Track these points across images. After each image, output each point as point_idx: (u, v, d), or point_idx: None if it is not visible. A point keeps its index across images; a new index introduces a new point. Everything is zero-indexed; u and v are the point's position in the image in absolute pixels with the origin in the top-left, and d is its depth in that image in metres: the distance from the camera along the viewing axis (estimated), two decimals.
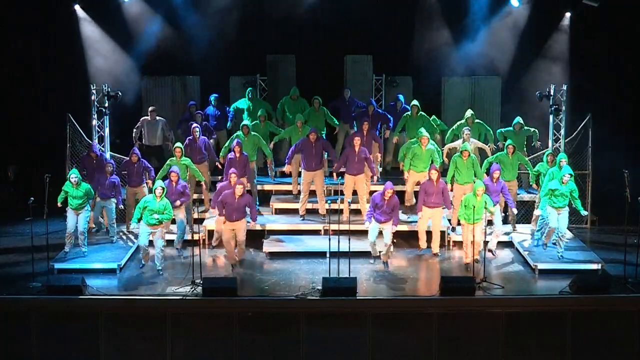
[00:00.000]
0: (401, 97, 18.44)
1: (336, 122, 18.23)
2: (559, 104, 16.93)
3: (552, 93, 16.75)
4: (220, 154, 16.69)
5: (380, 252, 15.00)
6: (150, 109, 17.89)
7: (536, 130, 17.46)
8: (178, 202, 15.25)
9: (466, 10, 19.57)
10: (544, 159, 16.00)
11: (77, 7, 18.94)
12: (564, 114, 17.04)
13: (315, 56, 19.81)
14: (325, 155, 16.89)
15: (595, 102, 18.45)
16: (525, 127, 17.41)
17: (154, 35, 19.22)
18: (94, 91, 16.73)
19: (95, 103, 16.75)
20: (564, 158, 15.66)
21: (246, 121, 17.33)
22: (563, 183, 14.69)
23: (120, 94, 16.97)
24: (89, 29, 19.14)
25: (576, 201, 14.89)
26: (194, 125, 16.76)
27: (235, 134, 16.73)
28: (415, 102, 17.72)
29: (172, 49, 19.49)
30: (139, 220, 14.63)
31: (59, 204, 14.99)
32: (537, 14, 19.48)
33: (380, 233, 14.81)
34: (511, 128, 17.43)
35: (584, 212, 15.08)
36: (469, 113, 17.47)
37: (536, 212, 15.82)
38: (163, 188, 14.53)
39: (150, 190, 15.19)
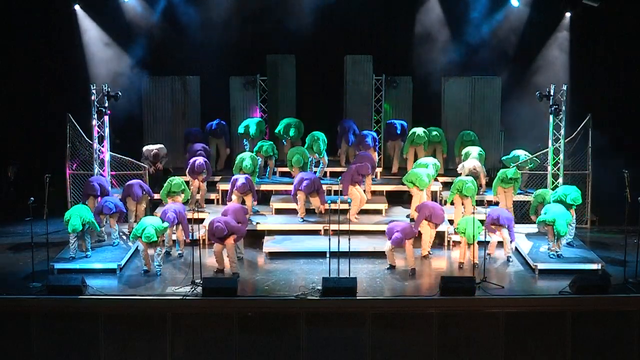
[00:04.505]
0: (397, 122, 18.63)
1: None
2: (559, 104, 16.91)
3: (552, 93, 16.73)
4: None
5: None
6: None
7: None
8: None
9: (466, 11, 19.57)
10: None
11: (77, 7, 18.95)
12: (564, 114, 17.03)
13: (315, 56, 19.80)
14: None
15: (595, 102, 18.46)
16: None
17: (154, 35, 19.22)
18: (94, 91, 16.71)
19: (95, 103, 16.73)
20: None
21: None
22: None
23: (120, 94, 16.95)
24: (89, 29, 19.14)
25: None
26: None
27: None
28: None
29: (172, 49, 19.50)
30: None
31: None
32: (537, 14, 19.48)
33: None
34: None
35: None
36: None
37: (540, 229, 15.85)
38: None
39: None
